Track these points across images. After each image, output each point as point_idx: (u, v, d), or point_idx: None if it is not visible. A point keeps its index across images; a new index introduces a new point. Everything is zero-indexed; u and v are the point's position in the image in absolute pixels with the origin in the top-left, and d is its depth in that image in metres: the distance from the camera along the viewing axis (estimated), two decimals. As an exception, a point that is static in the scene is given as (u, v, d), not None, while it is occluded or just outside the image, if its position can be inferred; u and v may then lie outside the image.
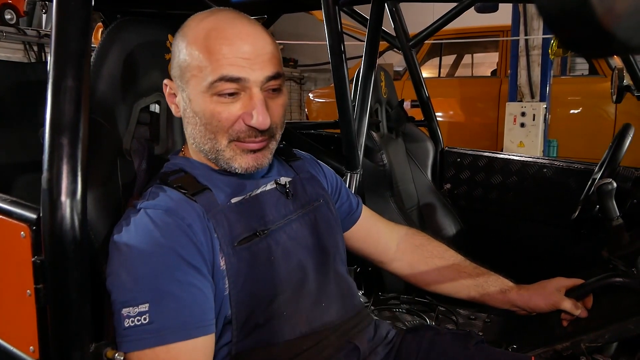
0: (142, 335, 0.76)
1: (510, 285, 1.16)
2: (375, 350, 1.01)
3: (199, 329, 0.79)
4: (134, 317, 0.76)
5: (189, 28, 0.90)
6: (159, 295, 0.77)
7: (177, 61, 0.90)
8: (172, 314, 0.77)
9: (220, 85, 0.85)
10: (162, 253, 0.79)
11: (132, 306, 0.76)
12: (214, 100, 0.86)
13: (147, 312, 0.76)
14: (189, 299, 0.79)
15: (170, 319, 0.77)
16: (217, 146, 0.90)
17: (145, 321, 0.76)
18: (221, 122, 0.87)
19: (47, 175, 0.72)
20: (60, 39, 0.76)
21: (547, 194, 2.06)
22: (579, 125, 4.58)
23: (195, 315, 0.79)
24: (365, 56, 1.87)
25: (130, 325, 0.76)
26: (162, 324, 0.76)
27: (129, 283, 0.78)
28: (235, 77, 0.85)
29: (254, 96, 0.87)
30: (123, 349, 0.77)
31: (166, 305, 0.77)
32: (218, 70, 0.84)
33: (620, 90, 1.96)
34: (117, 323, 0.78)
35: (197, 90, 0.87)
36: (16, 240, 0.78)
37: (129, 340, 0.76)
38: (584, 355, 1.02)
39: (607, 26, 0.28)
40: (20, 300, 0.79)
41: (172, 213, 0.83)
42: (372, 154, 1.93)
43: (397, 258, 1.24)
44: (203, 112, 0.88)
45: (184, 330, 0.77)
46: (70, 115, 0.74)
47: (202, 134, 0.90)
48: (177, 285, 0.79)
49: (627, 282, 1.07)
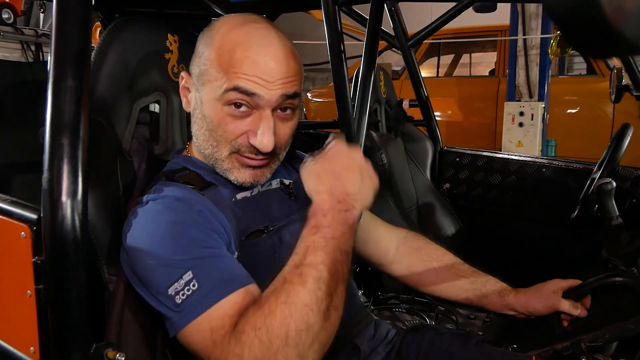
0: (200, 299, 0.75)
1: (508, 289, 1.16)
2: (376, 350, 1.01)
3: (246, 276, 0.79)
4: (183, 289, 0.75)
5: (217, 32, 0.88)
6: (196, 260, 0.77)
7: (199, 61, 0.89)
8: (216, 272, 0.77)
9: (233, 95, 0.84)
10: (183, 230, 0.80)
11: (176, 281, 0.75)
12: (225, 110, 0.86)
13: (193, 278, 0.75)
14: (225, 259, 0.80)
15: (218, 275, 0.77)
16: (217, 154, 0.90)
17: (195, 287, 0.75)
18: (226, 132, 0.87)
19: (47, 176, 0.72)
20: (60, 38, 0.75)
21: (546, 193, 2.06)
22: (577, 125, 4.59)
23: (237, 267, 0.80)
24: (365, 56, 1.87)
25: (182, 299, 0.75)
26: (213, 280, 0.76)
27: (163, 264, 0.77)
28: (250, 92, 0.84)
29: (264, 117, 0.86)
30: (187, 320, 0.75)
31: (207, 265, 0.77)
32: (234, 81, 0.84)
33: (619, 90, 1.96)
34: (168, 307, 0.76)
35: (210, 95, 0.87)
36: (16, 240, 0.78)
37: (187, 313, 0.75)
38: (584, 354, 1.02)
39: (616, 25, 0.28)
40: (21, 301, 0.78)
41: (182, 200, 0.84)
42: (371, 154, 1.93)
43: (396, 261, 1.24)
44: (211, 118, 0.87)
45: (235, 280, 0.77)
46: (70, 115, 0.73)
47: (206, 138, 0.90)
48: (209, 249, 0.79)
49: (627, 281, 1.07)
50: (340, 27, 1.59)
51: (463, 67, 6.43)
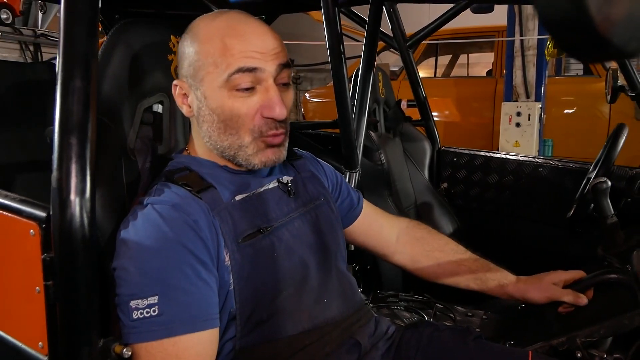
0: (151, 327, 0.77)
1: (509, 278, 1.19)
2: (376, 346, 1.03)
3: (206, 321, 0.80)
4: (143, 309, 0.77)
5: (198, 28, 0.92)
6: (168, 288, 0.79)
7: (189, 61, 0.91)
8: (181, 307, 0.79)
9: (238, 78, 0.87)
10: (171, 247, 0.81)
11: (140, 298, 0.77)
12: (232, 95, 0.89)
13: (157, 304, 0.77)
14: (197, 293, 0.81)
15: (179, 312, 0.78)
16: (239, 142, 0.91)
17: (155, 313, 0.77)
18: (241, 117, 0.89)
19: (56, 175, 0.73)
20: (68, 40, 0.77)
21: (542, 192, 2.08)
22: (574, 125, 4.61)
23: (203, 308, 0.81)
24: (364, 57, 1.88)
25: (139, 317, 0.77)
26: (171, 316, 0.78)
27: (138, 276, 0.79)
28: (251, 68, 0.87)
29: (270, 88, 0.90)
30: (131, 340, 0.78)
31: (175, 298, 0.79)
32: (234, 64, 0.87)
33: (614, 90, 1.98)
34: (124, 315, 0.79)
35: (213, 86, 0.89)
36: (26, 238, 0.79)
37: (138, 332, 0.77)
38: (579, 350, 1.04)
39: (604, 32, 0.30)
40: (30, 297, 0.80)
41: (179, 208, 0.85)
42: (370, 154, 1.94)
43: (398, 251, 1.28)
44: (221, 108, 0.89)
45: (192, 323, 0.79)
46: (78, 115, 0.75)
47: (221, 130, 0.91)
48: (186, 278, 0.80)
49: (622, 278, 1.09)
50: (340, 29, 1.60)
51: (461, 68, 6.44)
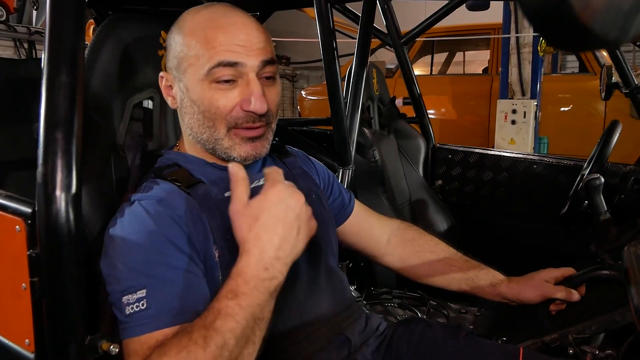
0: (141, 321, 0.76)
1: (500, 278, 1.17)
2: (367, 342, 1.02)
3: (194, 312, 0.79)
4: (133, 303, 0.77)
5: (184, 21, 0.92)
6: (154, 280, 0.78)
7: (174, 53, 0.92)
8: (168, 298, 0.78)
9: (218, 72, 0.87)
10: (155, 240, 0.81)
11: (130, 293, 0.77)
12: (212, 87, 0.88)
13: (145, 297, 0.77)
14: (183, 284, 0.80)
15: (167, 303, 0.78)
16: (215, 134, 0.91)
17: (143, 307, 0.77)
18: (219, 109, 0.89)
19: (41, 170, 0.73)
20: (54, 35, 0.76)
21: (537, 190, 2.08)
22: (569, 123, 4.62)
23: (190, 299, 0.80)
24: (357, 53, 1.88)
25: (130, 312, 0.77)
26: (159, 308, 0.77)
27: (126, 272, 0.79)
28: (232, 62, 0.87)
29: (251, 81, 0.89)
30: (125, 335, 0.77)
31: (161, 289, 0.78)
32: (215, 57, 0.86)
33: (608, 87, 1.99)
34: (119, 312, 0.78)
35: (194, 78, 0.89)
36: (11, 234, 0.79)
37: (130, 327, 0.77)
38: (571, 346, 1.04)
39: (585, 21, 0.30)
40: (16, 294, 0.79)
41: (165, 203, 0.84)
42: (364, 150, 1.94)
43: (389, 252, 1.26)
44: (201, 99, 0.89)
45: (180, 314, 0.78)
46: (64, 110, 0.74)
47: (200, 122, 0.91)
48: (172, 270, 0.80)
49: (613, 274, 1.09)
50: (333, 25, 1.60)
51: (456, 65, 6.45)
